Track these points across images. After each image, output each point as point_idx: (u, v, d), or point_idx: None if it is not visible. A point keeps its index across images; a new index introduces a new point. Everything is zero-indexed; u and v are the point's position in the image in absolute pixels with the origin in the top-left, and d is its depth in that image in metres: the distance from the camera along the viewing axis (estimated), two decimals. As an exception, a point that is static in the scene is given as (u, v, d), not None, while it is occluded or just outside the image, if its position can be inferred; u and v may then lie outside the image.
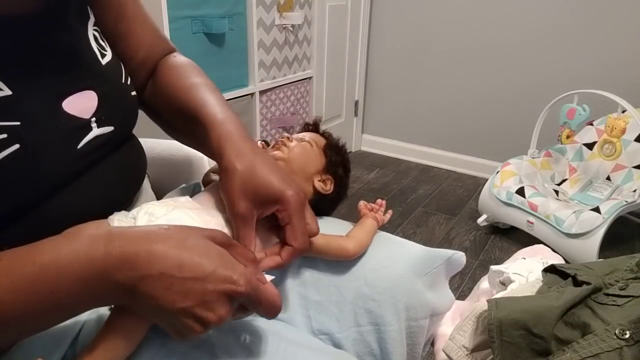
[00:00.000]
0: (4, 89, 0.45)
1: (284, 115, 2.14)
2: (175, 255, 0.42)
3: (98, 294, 0.41)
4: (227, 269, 0.43)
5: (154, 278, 0.41)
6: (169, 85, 0.65)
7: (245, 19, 1.79)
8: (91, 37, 0.58)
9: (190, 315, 0.42)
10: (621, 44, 2.03)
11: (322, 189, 0.72)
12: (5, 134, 0.45)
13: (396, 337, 0.63)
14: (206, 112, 0.58)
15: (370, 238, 0.68)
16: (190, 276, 0.41)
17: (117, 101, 0.59)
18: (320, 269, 0.66)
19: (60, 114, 0.51)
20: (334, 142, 0.77)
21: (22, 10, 0.49)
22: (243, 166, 0.52)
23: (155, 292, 0.41)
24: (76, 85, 0.53)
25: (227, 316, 0.43)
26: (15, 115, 0.46)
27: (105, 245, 0.41)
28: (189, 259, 0.42)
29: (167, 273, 0.41)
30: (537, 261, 0.73)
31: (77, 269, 0.40)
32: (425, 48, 2.47)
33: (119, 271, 0.40)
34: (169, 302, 0.41)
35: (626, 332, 0.51)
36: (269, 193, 0.52)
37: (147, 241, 0.42)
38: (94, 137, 0.54)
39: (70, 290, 0.40)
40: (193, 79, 0.65)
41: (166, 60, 0.70)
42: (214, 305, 0.42)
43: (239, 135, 0.55)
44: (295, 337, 0.59)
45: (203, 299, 0.42)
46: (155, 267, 0.41)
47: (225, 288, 0.42)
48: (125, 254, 0.41)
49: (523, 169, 1.86)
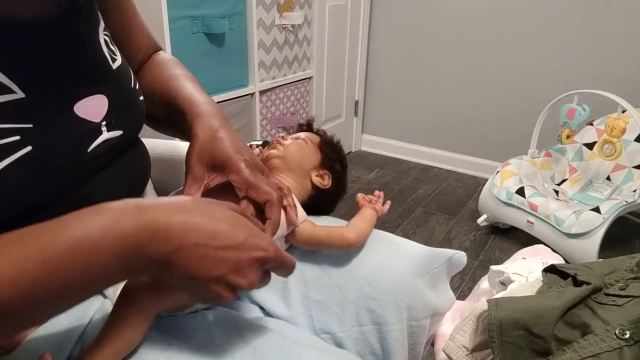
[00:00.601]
0: (17, 92, 0.46)
1: (284, 115, 2.14)
2: (209, 226, 0.43)
3: (131, 267, 0.41)
4: (256, 237, 0.46)
5: (188, 249, 0.41)
6: (151, 80, 0.69)
7: (245, 19, 1.79)
8: (102, 41, 0.58)
9: (223, 282, 0.44)
10: (621, 44, 2.03)
11: (320, 183, 0.74)
12: (18, 136, 0.45)
13: (398, 337, 0.63)
14: (183, 98, 0.63)
15: (370, 227, 0.69)
16: (224, 245, 0.43)
17: (126, 106, 0.60)
18: (323, 268, 0.67)
19: (72, 117, 0.51)
20: (328, 139, 0.79)
21: (37, 15, 0.50)
22: (204, 135, 0.57)
23: (190, 263, 0.42)
24: (88, 89, 0.54)
25: (256, 281, 0.45)
26: (28, 118, 0.46)
27: (136, 218, 0.41)
28: (221, 229, 0.43)
29: (201, 243, 0.42)
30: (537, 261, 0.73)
31: (110, 244, 0.40)
32: (425, 48, 2.47)
33: (152, 244, 0.41)
34: (203, 271, 0.42)
35: (626, 332, 0.52)
36: (220, 157, 0.55)
37: (179, 213, 0.42)
38: (104, 140, 0.55)
39: (103, 266, 0.40)
40: (173, 71, 0.70)
41: (152, 58, 0.74)
42: (246, 272, 0.44)
43: (210, 113, 0.60)
44: (299, 336, 0.59)
45: (237, 266, 0.44)
46: (190, 238, 0.42)
47: (258, 255, 0.45)
48: (159, 227, 0.41)
49: (523, 169, 1.86)
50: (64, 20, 0.53)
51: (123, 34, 0.67)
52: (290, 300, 0.65)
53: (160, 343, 0.50)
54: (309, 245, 0.66)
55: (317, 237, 0.65)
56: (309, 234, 0.66)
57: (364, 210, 0.71)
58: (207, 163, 0.56)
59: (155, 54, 0.76)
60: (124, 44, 0.67)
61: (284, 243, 0.67)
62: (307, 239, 0.66)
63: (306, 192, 0.73)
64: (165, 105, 0.65)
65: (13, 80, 0.46)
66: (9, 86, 0.46)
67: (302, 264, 0.67)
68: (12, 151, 0.45)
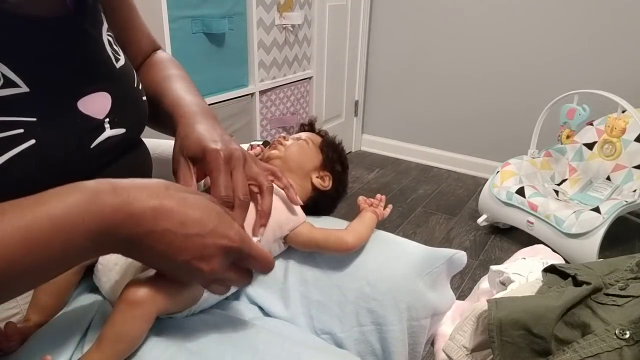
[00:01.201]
0: (22, 86, 0.47)
1: (284, 115, 2.14)
2: (179, 213, 0.44)
3: (104, 246, 0.43)
4: (224, 226, 0.46)
5: (157, 234, 0.43)
6: (145, 80, 0.70)
7: (245, 19, 1.79)
8: (106, 42, 0.60)
9: (187, 267, 0.45)
10: (621, 44, 2.03)
11: (321, 185, 0.74)
12: (22, 129, 0.46)
13: (398, 337, 0.63)
14: (170, 100, 0.64)
15: (370, 231, 0.68)
16: (191, 233, 0.44)
17: (129, 104, 0.61)
18: (322, 269, 0.67)
19: (75, 113, 0.52)
20: (329, 140, 0.78)
21: (44, 14, 0.51)
22: (184, 133, 0.57)
23: (158, 247, 0.43)
24: (91, 87, 0.54)
25: (219, 268, 0.46)
26: (32, 111, 0.47)
27: (112, 199, 0.41)
28: (191, 217, 0.44)
29: (170, 229, 0.43)
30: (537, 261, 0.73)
31: (87, 224, 0.40)
32: (425, 48, 2.47)
33: (125, 226, 0.41)
34: (170, 255, 0.44)
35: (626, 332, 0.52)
36: (196, 148, 0.55)
37: (152, 198, 0.43)
38: (107, 137, 0.56)
39: (80, 244, 0.41)
40: (166, 72, 0.71)
41: (150, 58, 0.75)
42: (209, 258, 0.45)
43: (192, 113, 0.60)
44: (299, 336, 0.59)
45: (201, 253, 0.45)
46: (160, 224, 0.43)
47: (222, 243, 0.45)
48: (132, 211, 0.42)
49: (523, 169, 1.86)
50: (69, 20, 0.54)
51: (125, 36, 0.69)
52: (290, 300, 0.65)
53: (160, 344, 0.50)
54: (306, 247, 0.66)
55: (315, 239, 0.65)
56: (307, 236, 0.65)
57: (364, 214, 0.71)
58: (187, 156, 0.56)
59: (154, 53, 0.77)
60: (126, 46, 0.68)
61: (283, 245, 0.67)
62: (305, 241, 0.66)
63: (306, 193, 0.73)
64: (154, 104, 0.66)
65: (18, 75, 0.47)
66: (14, 80, 0.47)
67: (302, 264, 0.67)
68: (15, 143, 0.46)
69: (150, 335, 0.51)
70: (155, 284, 0.49)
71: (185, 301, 0.54)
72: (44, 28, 0.51)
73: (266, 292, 0.67)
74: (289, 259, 0.68)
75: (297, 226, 0.66)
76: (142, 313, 0.48)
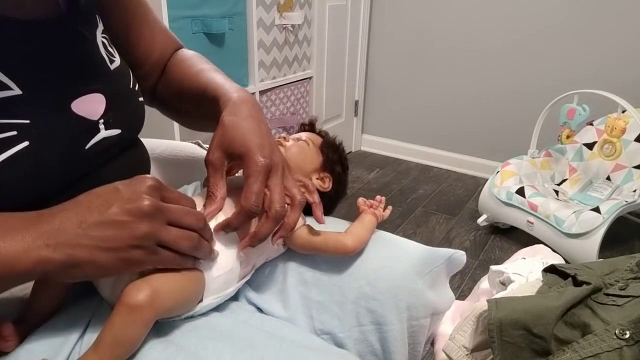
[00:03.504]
0: (14, 89, 0.47)
1: (284, 115, 2.14)
2: (76, 215, 0.44)
3: (21, 246, 0.42)
4: (132, 179, 0.46)
5: (71, 205, 0.44)
6: (179, 76, 0.69)
7: (245, 19, 1.79)
8: (100, 43, 0.59)
9: (123, 213, 0.44)
10: (621, 44, 2.03)
11: (321, 186, 0.73)
12: (15, 131, 0.46)
13: (398, 337, 0.63)
14: (214, 88, 0.62)
15: (370, 234, 0.68)
16: (102, 192, 0.45)
17: (124, 105, 0.60)
18: (322, 269, 0.66)
19: (69, 114, 0.52)
20: (330, 140, 0.78)
21: (36, 16, 0.51)
22: (230, 121, 0.55)
23: (79, 215, 0.43)
24: (85, 88, 0.54)
25: (155, 203, 0.45)
26: (26, 114, 0.47)
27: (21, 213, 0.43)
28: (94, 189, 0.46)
29: (80, 199, 0.45)
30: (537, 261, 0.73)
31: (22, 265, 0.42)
32: (425, 48, 2.47)
33: (37, 219, 0.43)
34: (96, 214, 0.44)
35: (626, 332, 0.52)
36: (239, 147, 0.53)
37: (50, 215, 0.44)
38: (102, 138, 0.55)
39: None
40: (200, 66, 0.69)
41: (175, 56, 0.74)
42: (136, 197, 0.44)
43: (240, 100, 0.58)
44: (298, 337, 0.59)
45: (126, 198, 0.44)
46: (67, 201, 0.44)
47: (138, 183, 0.46)
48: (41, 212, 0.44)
49: (523, 169, 1.86)
50: (63, 22, 0.54)
51: (130, 36, 0.68)
52: (290, 301, 0.65)
53: (158, 344, 0.50)
54: (305, 249, 0.66)
55: (314, 242, 0.64)
56: (306, 239, 0.65)
57: (364, 216, 0.70)
58: (227, 150, 0.54)
59: (178, 52, 0.75)
60: (133, 44, 0.68)
61: (282, 246, 0.67)
62: (304, 244, 0.65)
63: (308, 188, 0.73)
64: (195, 98, 0.65)
65: (10, 78, 0.47)
66: (7, 83, 0.46)
67: (302, 264, 0.67)
68: (9, 146, 0.45)
69: (149, 336, 0.50)
70: (155, 288, 0.48)
71: (184, 306, 0.54)
72: (36, 30, 0.51)
73: (265, 293, 0.67)
74: (289, 259, 0.68)
75: (297, 228, 0.65)
76: (142, 318, 0.47)
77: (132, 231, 0.44)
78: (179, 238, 0.47)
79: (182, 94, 0.68)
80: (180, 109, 0.72)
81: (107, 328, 0.46)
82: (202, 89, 0.64)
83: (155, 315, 0.49)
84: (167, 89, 0.72)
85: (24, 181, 0.47)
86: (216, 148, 0.55)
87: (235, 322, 0.57)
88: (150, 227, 0.45)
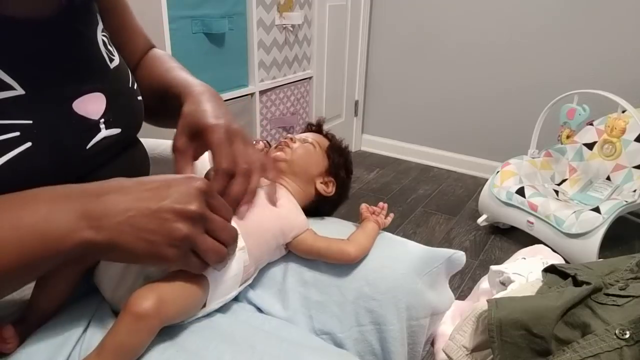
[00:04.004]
0: (17, 89, 0.47)
1: (284, 115, 2.14)
2: (133, 179, 0.45)
3: (65, 226, 0.43)
4: (183, 175, 0.48)
5: (121, 193, 0.44)
6: (147, 76, 0.71)
7: (245, 19, 1.79)
8: (100, 42, 0.60)
9: (168, 211, 0.45)
10: (621, 44, 2.03)
11: (324, 191, 0.73)
12: (18, 132, 0.46)
13: (397, 337, 0.63)
14: (177, 84, 0.65)
15: (372, 242, 0.68)
16: (153, 185, 0.46)
17: (124, 104, 0.61)
18: (322, 269, 0.66)
19: (71, 114, 0.52)
20: (337, 144, 0.77)
21: (37, 14, 0.51)
22: (188, 109, 0.58)
23: (127, 204, 0.44)
24: (86, 87, 0.54)
25: (203, 207, 0.46)
26: (28, 114, 0.47)
27: (64, 186, 0.44)
28: (147, 179, 0.46)
29: (131, 186, 0.45)
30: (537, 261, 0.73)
31: (39, 203, 0.43)
32: (425, 48, 2.47)
33: (83, 197, 0.43)
34: (143, 207, 0.44)
35: (626, 332, 0.52)
36: (199, 125, 0.56)
37: (96, 196, 0.44)
38: (102, 138, 0.56)
39: (34, 226, 0.42)
40: (167, 65, 0.73)
41: (147, 56, 0.76)
42: (186, 198, 0.45)
43: (200, 92, 0.61)
44: (297, 337, 0.59)
45: (174, 197, 0.45)
46: (117, 185, 0.45)
47: (190, 183, 0.47)
48: (86, 186, 0.44)
49: (523, 169, 1.86)
50: (63, 21, 0.54)
51: (122, 36, 0.69)
52: (290, 301, 0.65)
53: (158, 345, 0.50)
54: (308, 254, 0.66)
55: (317, 248, 0.65)
56: (309, 245, 0.65)
57: (366, 224, 0.70)
58: (189, 133, 0.57)
59: (150, 50, 0.78)
60: (123, 46, 0.68)
61: (284, 250, 0.67)
62: (307, 250, 0.65)
63: (309, 198, 0.72)
64: (161, 95, 0.67)
65: (13, 78, 0.47)
66: (10, 83, 0.46)
67: (302, 265, 0.67)
68: (12, 147, 0.45)
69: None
70: (161, 296, 0.48)
71: (189, 312, 0.54)
72: (37, 29, 0.51)
73: (265, 293, 0.67)
74: (289, 260, 0.68)
75: (301, 233, 0.65)
76: (147, 326, 0.47)
77: (173, 231, 0.45)
78: (211, 250, 0.49)
79: (151, 91, 0.69)
80: (148, 106, 0.72)
81: (111, 334, 0.46)
82: (166, 86, 0.66)
83: (161, 324, 0.49)
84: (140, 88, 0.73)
85: (26, 182, 0.47)
86: (180, 134, 0.57)
87: (236, 323, 0.57)
88: (191, 232, 0.46)
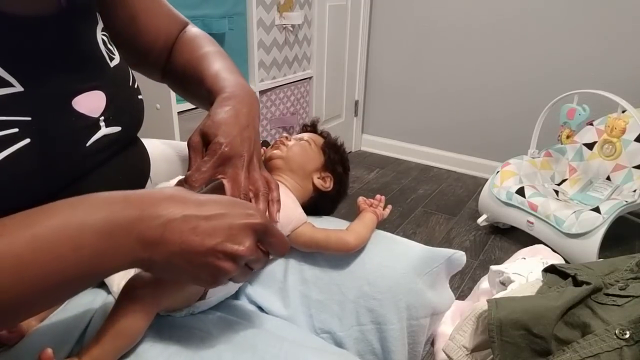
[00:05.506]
0: (16, 86, 0.47)
1: (284, 115, 2.14)
2: (193, 198, 0.44)
3: (122, 249, 0.40)
4: (241, 206, 0.46)
5: (179, 221, 0.41)
6: (182, 62, 0.71)
7: (245, 19, 1.79)
8: (100, 41, 0.60)
9: (220, 252, 0.43)
10: (621, 44, 2.03)
11: (322, 186, 0.74)
12: (17, 128, 0.46)
13: (397, 336, 0.63)
14: (210, 81, 0.64)
15: (370, 232, 0.69)
16: (212, 214, 0.43)
17: (124, 103, 0.61)
18: (322, 268, 0.67)
19: (70, 111, 0.52)
20: (332, 141, 0.79)
21: (37, 12, 0.51)
22: (214, 113, 0.58)
23: (183, 236, 0.41)
24: (86, 85, 0.54)
25: (253, 247, 0.45)
26: (27, 110, 0.47)
27: (123, 199, 0.41)
28: (206, 201, 0.44)
29: (190, 214, 0.42)
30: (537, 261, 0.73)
31: (98, 221, 0.39)
32: (425, 48, 2.47)
33: (141, 221, 0.40)
34: (197, 243, 0.42)
35: (626, 332, 0.52)
36: (212, 133, 0.56)
37: (161, 192, 0.44)
38: (102, 136, 0.56)
39: (93, 246, 0.39)
40: (202, 50, 0.70)
41: (180, 38, 0.75)
42: (240, 238, 0.43)
43: (230, 96, 0.61)
44: (297, 337, 0.59)
45: (229, 233, 0.43)
46: (177, 210, 0.42)
47: (249, 220, 0.44)
48: (145, 202, 0.41)
49: (523, 169, 1.86)
50: (62, 19, 0.54)
51: (137, 23, 0.69)
52: (290, 299, 0.65)
53: (159, 343, 0.50)
54: (308, 247, 0.67)
55: (316, 239, 0.65)
56: (309, 237, 0.66)
57: (364, 215, 0.71)
58: (204, 136, 0.57)
59: (184, 30, 0.76)
60: (138, 34, 0.69)
61: None
62: (306, 242, 0.66)
63: (307, 194, 0.74)
64: (195, 85, 0.67)
65: (12, 74, 0.47)
66: (8, 80, 0.46)
67: (302, 263, 0.67)
68: (11, 143, 0.45)
69: (150, 335, 0.51)
70: (158, 279, 0.49)
71: (186, 299, 0.54)
72: (37, 27, 0.51)
73: (266, 292, 0.67)
74: (289, 258, 0.68)
75: (299, 226, 0.66)
76: (143, 308, 0.48)
77: (220, 270, 0.44)
78: (243, 277, 0.49)
79: (184, 79, 0.70)
80: (184, 88, 0.74)
81: (108, 319, 0.47)
82: (200, 78, 0.66)
83: (157, 307, 0.49)
84: (173, 72, 0.74)
85: (25, 179, 0.47)
86: (197, 132, 0.58)
87: (236, 322, 0.58)
88: (235, 270, 0.45)
